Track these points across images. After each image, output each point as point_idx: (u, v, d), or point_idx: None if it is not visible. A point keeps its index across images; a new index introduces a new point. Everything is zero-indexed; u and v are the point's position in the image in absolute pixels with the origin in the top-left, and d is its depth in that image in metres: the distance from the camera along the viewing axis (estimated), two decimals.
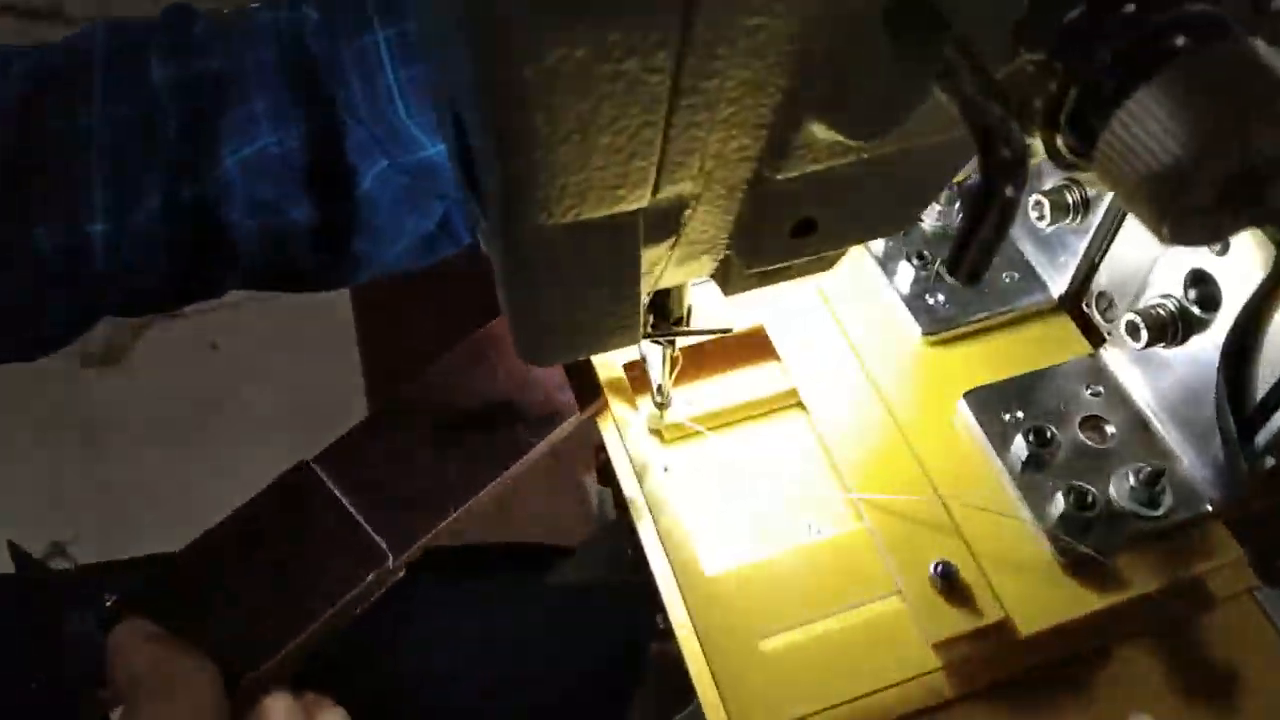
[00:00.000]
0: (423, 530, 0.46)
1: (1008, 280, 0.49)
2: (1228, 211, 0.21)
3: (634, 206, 0.28)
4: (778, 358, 0.50)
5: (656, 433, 0.52)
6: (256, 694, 0.44)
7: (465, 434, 0.49)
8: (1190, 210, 0.21)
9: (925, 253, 0.49)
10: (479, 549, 0.74)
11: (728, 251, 0.34)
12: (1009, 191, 0.22)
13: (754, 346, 0.52)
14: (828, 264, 0.36)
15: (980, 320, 0.48)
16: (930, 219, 0.51)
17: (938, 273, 0.49)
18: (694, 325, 0.41)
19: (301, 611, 0.44)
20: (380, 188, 0.47)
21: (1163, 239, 0.22)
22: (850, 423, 0.46)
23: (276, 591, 0.45)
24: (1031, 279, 0.49)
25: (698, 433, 0.51)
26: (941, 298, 0.48)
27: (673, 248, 0.32)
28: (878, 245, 0.51)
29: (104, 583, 0.47)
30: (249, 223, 0.46)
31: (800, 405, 0.50)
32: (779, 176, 0.29)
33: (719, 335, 0.41)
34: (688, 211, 0.31)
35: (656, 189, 0.28)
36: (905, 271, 0.49)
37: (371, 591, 0.46)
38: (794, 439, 0.51)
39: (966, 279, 0.26)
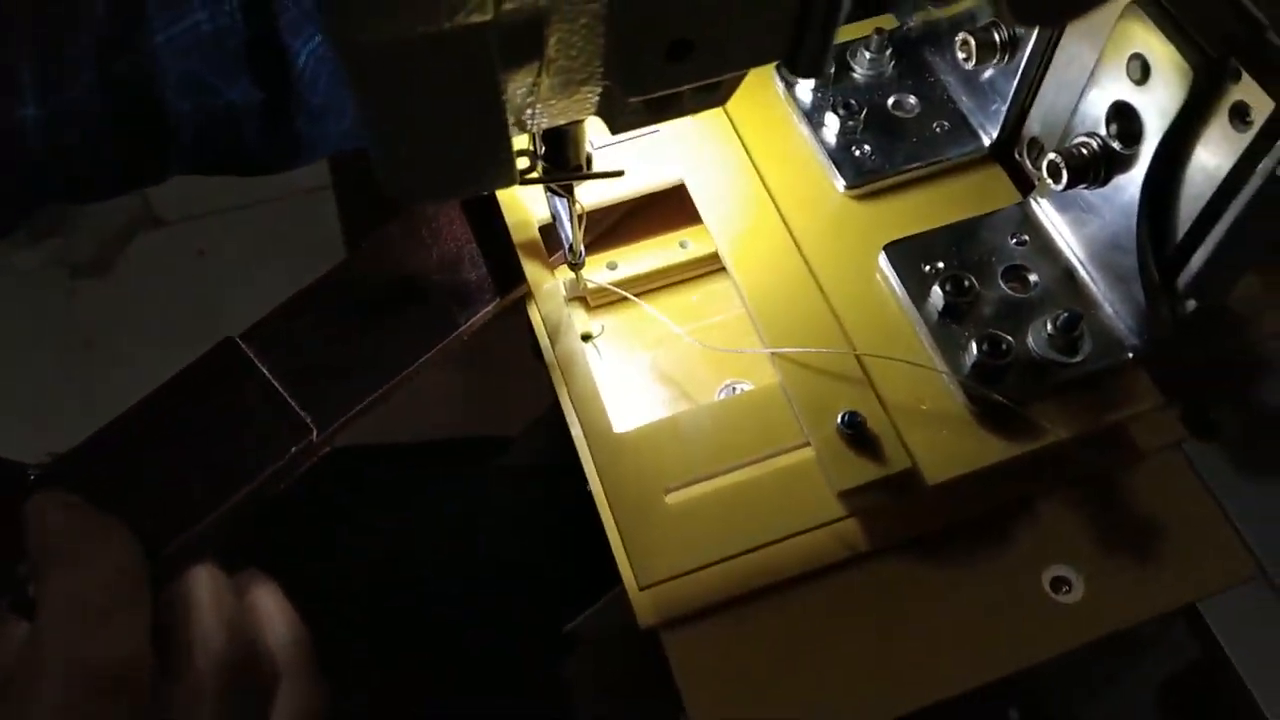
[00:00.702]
0: (347, 405, 0.46)
1: (938, 129, 0.47)
2: None
3: (477, 18, 0.26)
4: None
5: (581, 300, 0.51)
6: (180, 565, 0.43)
7: (395, 311, 0.48)
8: None
9: (853, 101, 0.47)
10: (428, 445, 0.73)
11: (607, 83, 0.32)
12: None
13: (685, 209, 0.50)
14: (721, 95, 0.34)
15: (908, 171, 0.46)
16: (861, 68, 0.49)
17: (864, 123, 0.46)
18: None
19: (222, 484, 0.44)
20: (316, 65, 0.46)
21: (1003, 16, 0.20)
22: (770, 281, 0.44)
23: (197, 463, 0.45)
24: (963, 128, 0.47)
25: (623, 299, 0.49)
26: (868, 149, 0.46)
27: (540, 75, 0.30)
28: (805, 97, 0.48)
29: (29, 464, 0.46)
30: (184, 103, 0.45)
31: None
32: None
33: (614, 177, 0.39)
34: (547, 29, 0.29)
35: None
36: (832, 123, 0.47)
37: (296, 465, 0.46)
38: (722, 301, 0.50)
39: (807, 71, 0.24)
